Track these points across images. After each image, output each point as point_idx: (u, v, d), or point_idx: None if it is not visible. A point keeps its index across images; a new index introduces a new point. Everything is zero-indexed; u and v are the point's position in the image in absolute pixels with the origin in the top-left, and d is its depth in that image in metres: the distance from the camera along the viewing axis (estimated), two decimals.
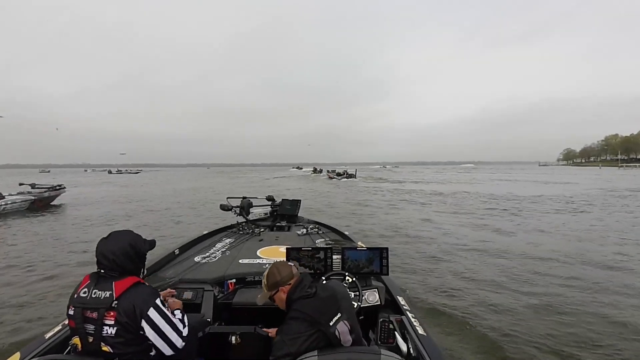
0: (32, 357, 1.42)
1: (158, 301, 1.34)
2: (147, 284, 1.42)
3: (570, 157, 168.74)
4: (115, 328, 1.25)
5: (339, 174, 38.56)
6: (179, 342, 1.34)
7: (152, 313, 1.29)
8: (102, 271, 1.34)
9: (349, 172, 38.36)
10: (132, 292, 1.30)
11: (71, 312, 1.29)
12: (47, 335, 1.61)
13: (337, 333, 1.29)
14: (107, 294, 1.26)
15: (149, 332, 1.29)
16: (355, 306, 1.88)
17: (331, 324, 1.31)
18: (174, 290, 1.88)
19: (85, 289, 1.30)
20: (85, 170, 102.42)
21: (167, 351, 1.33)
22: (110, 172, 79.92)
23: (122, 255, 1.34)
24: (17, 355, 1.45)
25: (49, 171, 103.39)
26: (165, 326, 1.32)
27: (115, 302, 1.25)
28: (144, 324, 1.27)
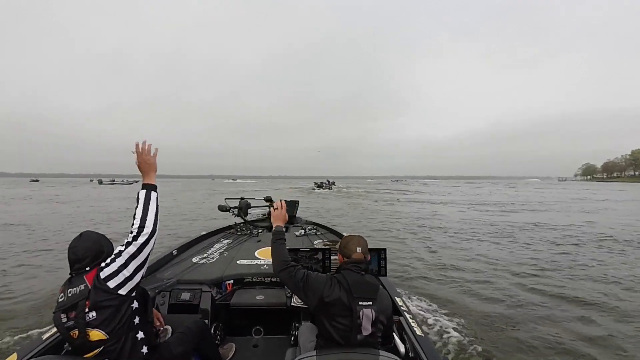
0: (29, 358, 1.42)
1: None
2: None
3: (589, 172, 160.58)
4: (94, 310, 1.31)
5: (319, 186, 46.85)
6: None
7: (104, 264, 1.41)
8: (73, 274, 1.40)
9: (325, 184, 47.27)
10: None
11: (55, 320, 1.35)
12: (44, 337, 1.61)
13: (361, 314, 1.38)
14: (82, 286, 1.34)
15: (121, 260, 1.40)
16: None
17: (361, 303, 1.40)
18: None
19: (62, 295, 1.36)
20: (91, 181, 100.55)
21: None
22: (100, 182, 74.40)
23: (92, 250, 1.44)
24: (14, 356, 1.44)
25: (38, 180, 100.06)
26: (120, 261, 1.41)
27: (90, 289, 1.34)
28: (108, 261, 1.40)
